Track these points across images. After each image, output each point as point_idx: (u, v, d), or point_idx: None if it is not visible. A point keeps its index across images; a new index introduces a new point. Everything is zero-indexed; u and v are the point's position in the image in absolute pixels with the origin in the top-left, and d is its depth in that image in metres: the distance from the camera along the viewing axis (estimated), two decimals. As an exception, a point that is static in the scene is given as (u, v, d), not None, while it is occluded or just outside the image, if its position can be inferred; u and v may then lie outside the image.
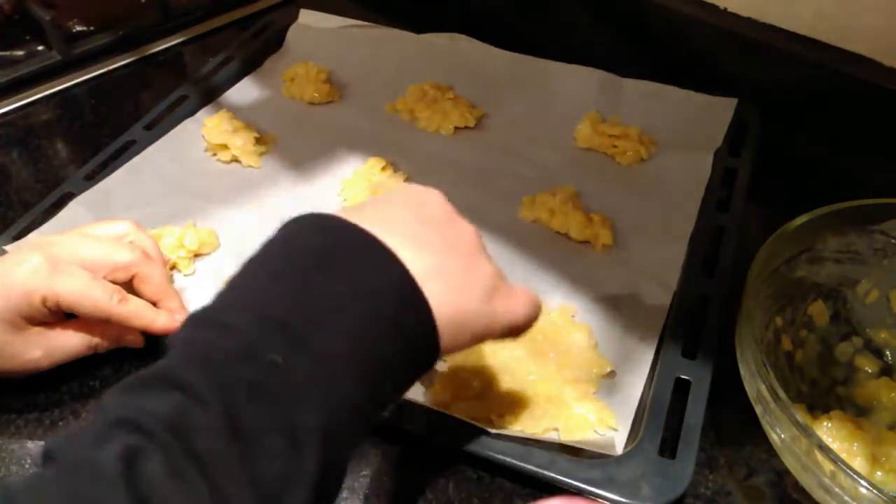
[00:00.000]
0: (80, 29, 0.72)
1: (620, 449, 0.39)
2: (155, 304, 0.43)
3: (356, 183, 0.56)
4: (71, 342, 0.41)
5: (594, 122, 0.61)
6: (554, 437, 0.40)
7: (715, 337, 0.43)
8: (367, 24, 0.73)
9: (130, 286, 0.43)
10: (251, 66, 0.70)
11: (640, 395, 0.42)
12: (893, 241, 0.44)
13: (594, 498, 0.36)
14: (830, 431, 0.39)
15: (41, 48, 0.69)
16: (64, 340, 0.41)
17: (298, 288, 0.28)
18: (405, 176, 0.58)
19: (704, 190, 0.55)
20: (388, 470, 0.40)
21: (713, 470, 0.40)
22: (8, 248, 0.47)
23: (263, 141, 0.61)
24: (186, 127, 0.62)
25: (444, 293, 0.30)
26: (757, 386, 0.36)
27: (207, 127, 0.61)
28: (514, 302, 0.34)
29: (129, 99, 0.68)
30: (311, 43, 0.72)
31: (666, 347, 0.44)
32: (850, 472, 0.31)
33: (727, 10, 0.61)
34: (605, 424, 0.41)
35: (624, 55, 0.68)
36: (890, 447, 0.38)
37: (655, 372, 0.43)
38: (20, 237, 0.50)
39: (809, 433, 0.33)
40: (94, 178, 0.55)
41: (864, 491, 0.31)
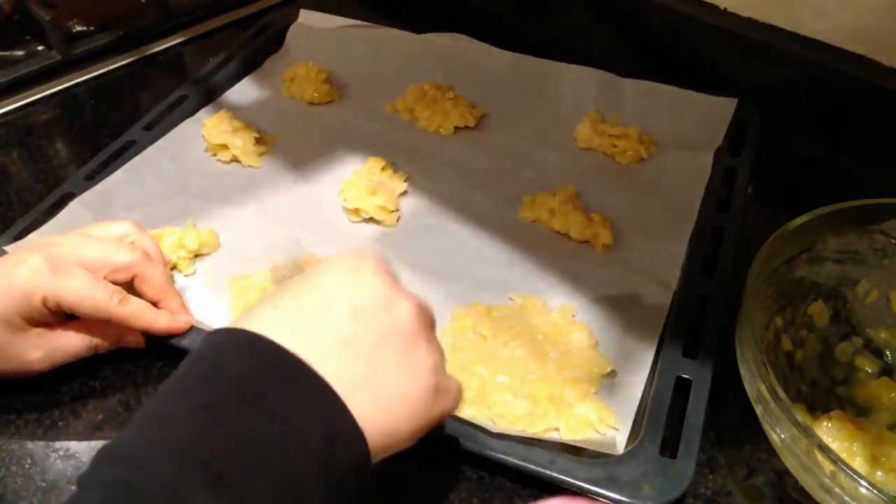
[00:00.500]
0: (80, 29, 0.72)
1: (621, 448, 0.39)
2: (156, 304, 0.43)
3: (356, 183, 0.56)
4: (71, 343, 0.41)
5: (594, 121, 0.61)
6: (555, 436, 0.40)
7: (715, 336, 0.44)
8: (367, 24, 0.73)
9: (131, 287, 0.43)
10: (251, 66, 0.70)
11: (640, 394, 0.42)
12: (893, 241, 0.44)
13: (595, 497, 0.36)
14: (830, 431, 0.39)
15: (41, 48, 0.69)
16: (64, 341, 0.41)
17: (223, 424, 0.26)
18: (405, 176, 0.58)
19: (704, 190, 0.55)
20: (387, 470, 0.40)
21: (713, 470, 0.40)
22: (8, 248, 0.47)
23: (263, 141, 0.61)
24: (186, 127, 0.62)
25: (375, 402, 0.29)
26: (757, 386, 0.36)
27: (207, 127, 0.61)
28: (448, 391, 0.33)
29: (129, 99, 0.68)
30: (311, 43, 0.72)
31: (666, 347, 0.44)
32: (850, 472, 0.31)
33: (727, 10, 0.61)
34: (605, 424, 0.41)
35: (624, 55, 0.68)
36: (890, 447, 0.38)
37: (656, 371, 0.43)
38: (20, 237, 0.50)
39: (809, 433, 0.33)
40: (94, 178, 0.55)
41: (864, 491, 0.31)
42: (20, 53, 0.69)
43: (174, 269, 0.50)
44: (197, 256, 0.51)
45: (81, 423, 0.42)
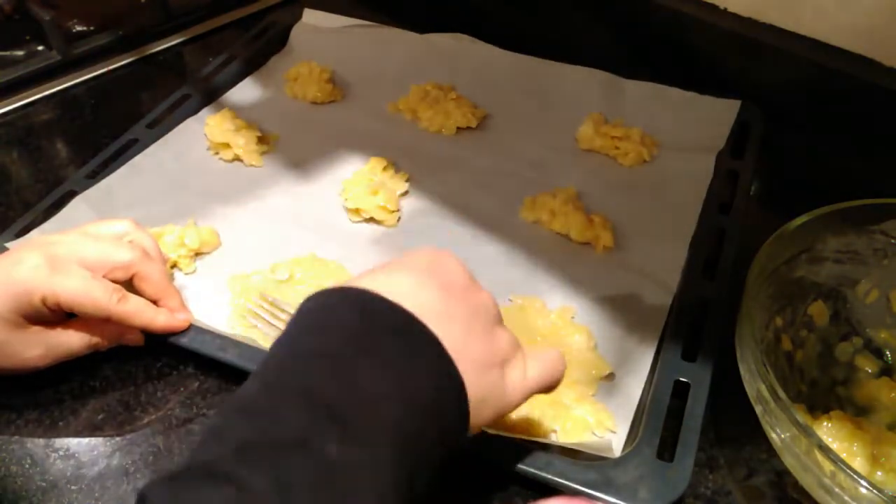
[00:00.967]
0: (80, 29, 0.72)
1: (618, 451, 0.39)
2: (155, 302, 0.43)
3: (357, 183, 0.56)
4: (71, 341, 0.41)
5: (596, 123, 0.61)
6: (552, 438, 0.40)
7: (715, 340, 0.43)
8: (370, 23, 0.73)
9: (130, 285, 0.43)
10: (254, 65, 0.70)
11: (639, 397, 0.42)
12: (893, 241, 0.44)
13: (595, 498, 0.36)
14: (830, 431, 0.39)
15: (41, 48, 0.69)
16: (64, 339, 0.41)
17: (341, 372, 0.27)
18: (406, 176, 0.58)
19: (706, 192, 0.55)
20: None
21: (713, 470, 0.40)
22: (9, 245, 0.47)
23: (265, 140, 0.61)
24: (189, 126, 0.62)
25: (469, 372, 0.30)
26: (757, 386, 0.36)
27: (210, 126, 0.61)
28: (532, 371, 0.34)
29: (129, 99, 0.68)
30: (314, 42, 0.72)
31: (665, 349, 0.44)
32: (850, 472, 0.31)
33: (727, 10, 0.61)
34: (603, 426, 0.41)
35: (624, 55, 0.68)
36: (890, 447, 0.38)
37: (655, 374, 0.43)
38: (23, 234, 0.50)
39: (809, 433, 0.33)
40: (95, 176, 0.55)
41: (864, 491, 0.31)
42: (20, 53, 0.69)
43: (175, 267, 0.50)
44: (198, 255, 0.51)
45: (81, 422, 0.42)
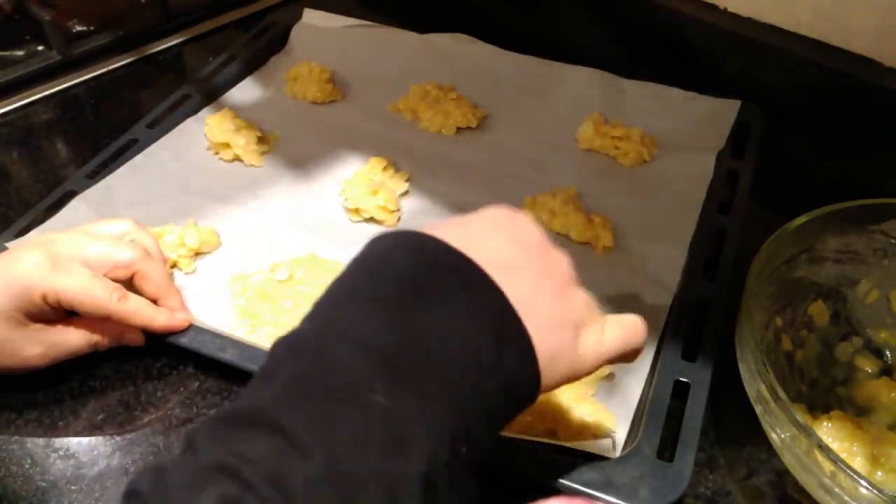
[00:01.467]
0: (80, 29, 0.72)
1: (618, 451, 0.39)
2: (155, 301, 0.43)
3: (357, 183, 0.56)
4: (71, 340, 0.41)
5: (596, 123, 0.61)
6: (552, 438, 0.40)
7: (715, 340, 0.43)
8: (370, 23, 0.73)
9: (131, 284, 0.43)
10: (254, 65, 0.70)
11: (638, 397, 0.42)
12: (893, 241, 0.44)
13: (594, 498, 0.36)
14: (830, 431, 0.39)
15: (41, 48, 0.69)
16: (64, 338, 0.41)
17: (397, 318, 0.26)
18: (406, 176, 0.58)
19: (706, 192, 0.55)
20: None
21: (713, 470, 0.40)
22: (9, 245, 0.47)
23: (265, 140, 0.61)
24: (189, 125, 0.62)
25: (538, 328, 0.28)
26: (757, 386, 0.36)
27: (210, 125, 0.61)
28: (610, 335, 0.32)
29: (129, 99, 0.68)
30: (314, 42, 0.72)
31: (665, 350, 0.44)
32: (850, 472, 0.31)
33: (727, 10, 0.61)
34: (603, 427, 0.41)
35: (624, 55, 0.68)
36: (890, 447, 0.38)
37: (655, 374, 0.43)
38: (23, 234, 0.50)
39: (809, 433, 0.33)
40: (95, 176, 0.55)
41: (864, 491, 0.31)
42: (20, 53, 0.69)
43: (174, 267, 0.50)
44: (198, 255, 0.51)
45: (81, 422, 0.42)
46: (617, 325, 0.33)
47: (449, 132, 0.63)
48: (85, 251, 0.41)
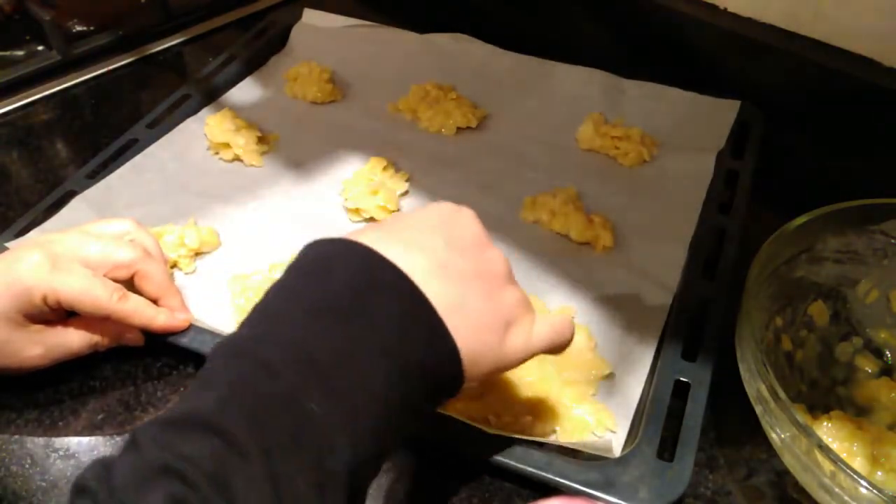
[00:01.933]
0: (80, 29, 0.72)
1: (618, 451, 0.39)
2: (156, 301, 0.43)
3: (357, 183, 0.56)
4: (72, 340, 0.41)
5: (596, 123, 0.61)
6: (552, 438, 0.40)
7: (715, 340, 0.43)
8: (370, 23, 0.73)
9: (131, 284, 0.43)
10: (254, 65, 0.70)
11: (638, 397, 0.42)
12: (893, 241, 0.44)
13: (594, 498, 0.36)
14: (830, 431, 0.39)
15: (41, 48, 0.69)
16: (64, 338, 0.41)
17: (333, 329, 0.28)
18: (406, 176, 0.58)
19: (706, 192, 0.55)
20: (386, 470, 0.40)
21: (713, 470, 0.40)
22: (9, 244, 0.47)
23: (265, 140, 0.61)
24: (189, 125, 0.62)
25: (465, 328, 0.30)
26: (757, 386, 0.36)
27: (210, 125, 0.61)
28: (538, 331, 0.34)
29: (129, 99, 0.68)
30: (314, 42, 0.72)
31: (665, 349, 0.44)
32: (850, 472, 0.31)
33: (727, 10, 0.61)
34: (603, 426, 0.41)
35: (624, 55, 0.68)
36: (890, 447, 0.38)
37: (655, 374, 0.43)
38: (23, 234, 0.50)
39: (809, 433, 0.33)
40: (95, 176, 0.55)
41: (864, 491, 0.31)
42: (20, 53, 0.69)
43: (174, 267, 0.50)
44: (198, 255, 0.51)
45: (81, 422, 0.42)
46: (546, 322, 0.35)
47: (449, 132, 0.63)
48: (85, 251, 0.41)
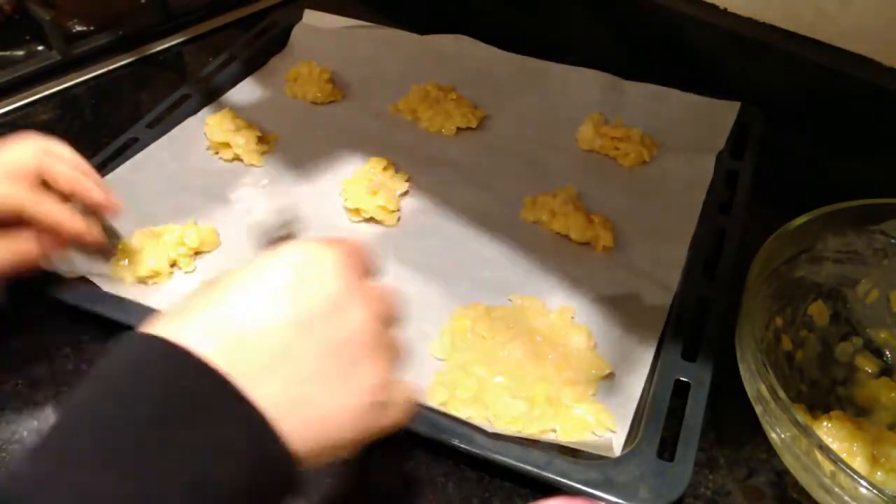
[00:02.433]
0: (80, 29, 0.72)
1: (618, 451, 0.39)
2: (72, 196, 0.44)
3: (357, 182, 0.56)
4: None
5: (596, 123, 0.61)
6: (552, 438, 0.40)
7: (715, 340, 0.43)
8: (370, 24, 0.73)
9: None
10: (254, 65, 0.70)
11: (638, 396, 0.42)
12: (893, 241, 0.44)
13: (594, 498, 0.36)
14: (830, 431, 0.39)
15: (41, 48, 0.69)
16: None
17: (133, 465, 0.23)
18: (407, 176, 0.58)
19: (706, 192, 0.55)
20: (387, 470, 0.40)
21: (713, 470, 0.40)
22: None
23: (265, 140, 0.61)
24: (189, 125, 0.62)
25: (309, 422, 0.26)
26: (757, 386, 0.36)
27: (210, 125, 0.61)
28: (393, 405, 0.30)
29: (129, 99, 0.68)
30: (314, 43, 0.72)
31: (666, 349, 0.44)
32: (850, 472, 0.32)
33: (727, 10, 0.61)
34: (603, 426, 0.41)
35: (624, 55, 0.68)
36: (890, 447, 0.38)
37: (655, 374, 0.43)
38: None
39: (809, 433, 0.33)
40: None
41: (864, 491, 0.31)
42: (20, 53, 0.69)
43: (174, 266, 0.50)
44: (197, 254, 0.51)
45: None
46: (397, 406, 0.30)
47: (449, 132, 0.63)
48: None
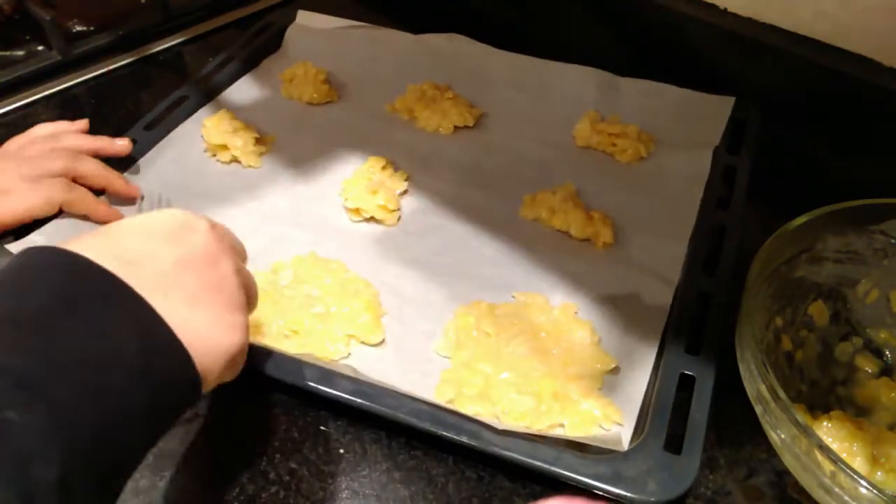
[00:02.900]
0: (80, 29, 0.72)
1: (626, 445, 0.39)
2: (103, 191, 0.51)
3: (356, 182, 0.56)
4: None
5: (593, 120, 0.61)
6: (560, 433, 0.40)
7: (717, 333, 0.44)
8: (365, 24, 0.73)
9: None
10: (251, 66, 0.70)
11: (644, 390, 0.42)
12: (893, 241, 0.44)
13: (594, 497, 0.36)
14: (830, 431, 0.39)
15: (41, 48, 0.69)
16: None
17: (37, 336, 0.26)
18: (406, 175, 0.58)
19: (704, 188, 0.55)
20: (387, 469, 0.40)
21: (713, 470, 0.40)
22: (10, 247, 0.47)
23: (263, 141, 0.61)
24: (186, 127, 0.62)
25: (195, 341, 0.29)
26: (757, 386, 0.36)
27: (207, 127, 0.61)
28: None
29: (129, 99, 0.68)
30: (309, 43, 0.72)
31: (669, 344, 0.44)
32: (850, 472, 0.31)
33: (727, 10, 0.61)
34: (610, 420, 0.41)
35: (624, 55, 0.68)
36: (890, 447, 0.38)
37: (659, 368, 0.43)
38: (23, 235, 0.50)
39: (809, 433, 0.33)
40: (94, 177, 0.55)
41: (864, 491, 0.31)
42: (20, 53, 0.69)
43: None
44: (197, 256, 0.51)
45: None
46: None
47: (446, 131, 0.63)
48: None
